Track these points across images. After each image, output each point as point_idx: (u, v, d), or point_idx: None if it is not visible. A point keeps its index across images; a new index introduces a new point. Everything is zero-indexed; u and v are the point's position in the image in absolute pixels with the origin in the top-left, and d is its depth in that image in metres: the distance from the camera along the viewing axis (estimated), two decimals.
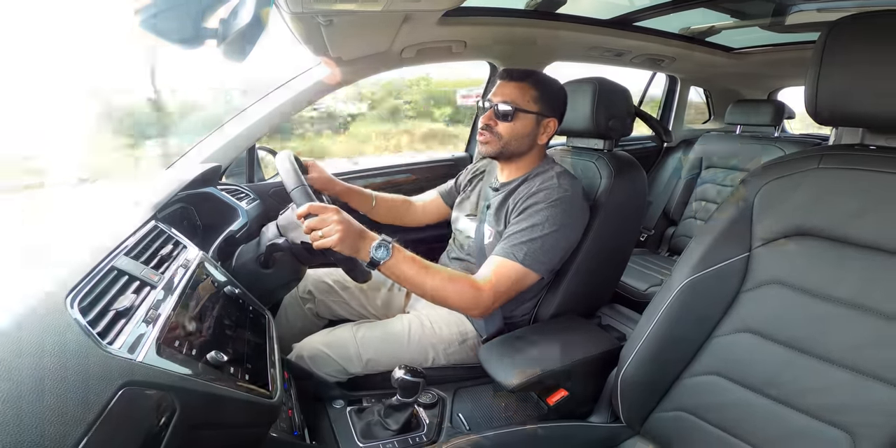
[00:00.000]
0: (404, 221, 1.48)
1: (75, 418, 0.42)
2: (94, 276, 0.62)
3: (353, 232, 0.92)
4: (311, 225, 0.90)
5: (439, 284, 0.98)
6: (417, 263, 0.98)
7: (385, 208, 1.43)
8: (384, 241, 0.94)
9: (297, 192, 0.96)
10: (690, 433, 0.84)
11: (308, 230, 0.91)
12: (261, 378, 0.72)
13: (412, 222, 1.49)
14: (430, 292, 0.99)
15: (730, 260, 0.80)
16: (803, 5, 1.58)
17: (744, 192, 0.81)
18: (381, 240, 0.94)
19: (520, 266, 1.04)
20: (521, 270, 1.04)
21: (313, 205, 0.91)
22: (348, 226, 0.91)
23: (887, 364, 0.65)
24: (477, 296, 1.01)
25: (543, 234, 1.05)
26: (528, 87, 1.12)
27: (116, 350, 0.52)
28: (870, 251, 0.68)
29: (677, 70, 2.50)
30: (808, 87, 0.71)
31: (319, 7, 1.05)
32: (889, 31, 0.64)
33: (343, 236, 0.89)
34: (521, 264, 1.04)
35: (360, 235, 0.93)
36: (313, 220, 0.90)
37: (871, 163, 0.70)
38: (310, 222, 0.90)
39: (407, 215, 1.48)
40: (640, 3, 1.63)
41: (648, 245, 2.46)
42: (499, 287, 1.03)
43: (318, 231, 0.90)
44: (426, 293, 1.00)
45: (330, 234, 0.89)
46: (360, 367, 1.14)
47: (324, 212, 0.90)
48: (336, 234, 0.89)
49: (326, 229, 0.89)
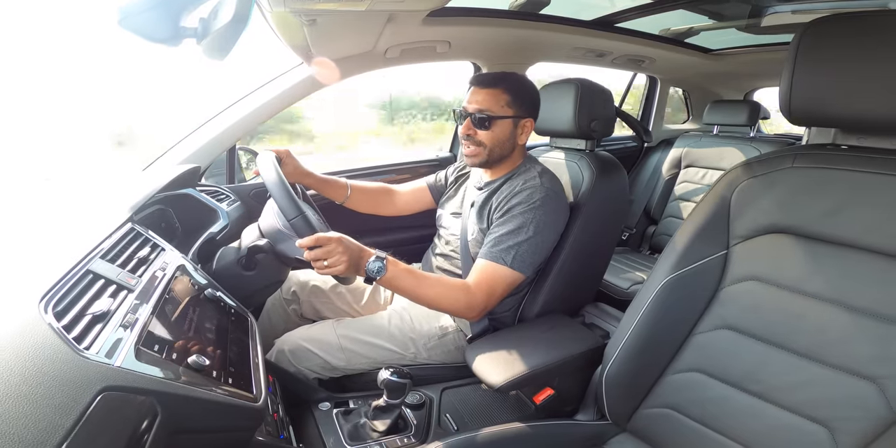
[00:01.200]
0: (382, 211, 1.46)
1: (53, 424, 0.41)
2: (69, 280, 0.61)
3: (355, 257, 0.94)
4: (316, 256, 0.91)
5: (433, 293, 1.02)
6: (412, 275, 1.01)
7: (361, 197, 1.42)
8: (379, 258, 0.96)
9: (298, 222, 0.95)
10: (675, 429, 0.85)
11: (312, 259, 0.92)
12: (244, 381, 0.71)
13: (392, 211, 1.48)
14: (424, 300, 1.03)
15: (708, 258, 0.82)
16: (778, 7, 1.62)
17: (721, 191, 0.82)
18: (377, 257, 0.96)
19: (509, 270, 1.06)
20: (511, 274, 1.07)
21: (320, 237, 0.91)
22: (351, 254, 0.93)
23: (861, 359, 0.67)
24: (470, 301, 1.04)
25: (528, 237, 1.07)
26: (500, 92, 1.13)
27: (93, 355, 0.51)
28: (842, 248, 0.70)
29: (657, 70, 2.54)
30: (782, 88, 0.73)
31: (302, 6, 1.03)
32: (860, 32, 0.66)
33: (348, 266, 0.91)
34: (511, 267, 1.06)
35: (360, 256, 0.95)
36: (318, 252, 0.91)
37: (842, 162, 0.72)
38: (315, 253, 0.91)
39: (386, 204, 1.46)
40: (622, 4, 1.65)
41: (630, 243, 2.50)
42: (491, 291, 1.06)
43: (323, 261, 0.91)
44: (421, 301, 1.04)
45: (335, 264, 0.91)
46: (341, 360, 1.14)
47: (328, 243, 0.91)
48: (342, 265, 0.91)
49: (332, 260, 0.91)
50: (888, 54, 0.63)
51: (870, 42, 0.65)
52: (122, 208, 0.92)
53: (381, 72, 1.65)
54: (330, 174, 1.40)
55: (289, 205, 0.96)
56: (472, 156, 1.16)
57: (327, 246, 0.91)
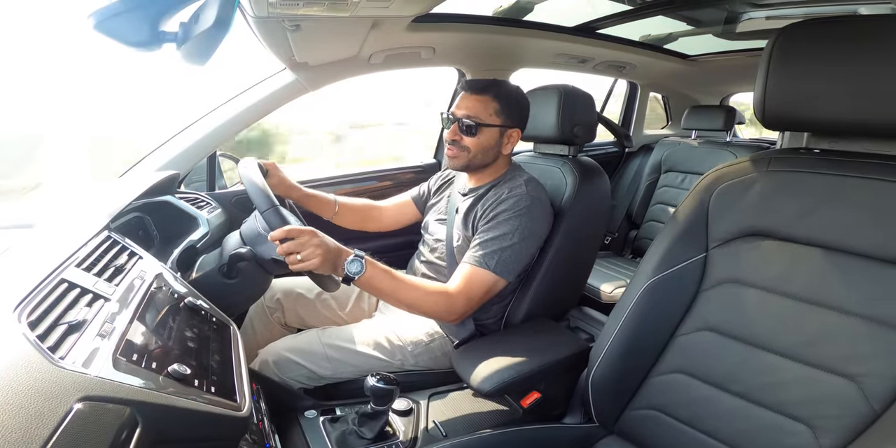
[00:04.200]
0: (369, 227, 1.46)
1: (29, 434, 0.40)
2: (43, 289, 0.59)
3: (332, 252, 0.91)
4: (288, 249, 0.88)
5: (413, 295, 1.00)
6: (390, 276, 0.99)
7: (349, 214, 1.40)
8: (357, 257, 0.94)
9: (270, 214, 0.93)
10: (662, 430, 0.86)
11: (284, 252, 0.89)
12: (228, 390, 0.69)
13: (378, 227, 1.47)
14: (404, 303, 1.01)
15: (688, 261, 0.83)
16: (753, 13, 1.67)
17: (699, 195, 0.84)
18: (355, 255, 0.94)
19: (491, 274, 1.06)
20: (493, 278, 1.06)
21: (291, 229, 0.89)
22: (327, 248, 0.90)
23: (838, 357, 0.68)
24: (451, 304, 1.03)
25: (513, 243, 1.07)
26: (490, 99, 1.13)
27: (70, 364, 0.49)
28: (818, 250, 0.72)
29: (638, 76, 2.59)
30: (756, 93, 0.75)
31: (286, 12, 1.03)
32: (830, 38, 0.68)
33: (323, 260, 0.89)
34: (493, 272, 1.06)
35: (338, 254, 0.93)
36: (290, 244, 0.88)
37: (815, 165, 0.74)
38: (287, 246, 0.88)
39: (372, 221, 1.45)
40: (603, 10, 1.69)
41: (613, 248, 2.53)
42: (472, 295, 1.05)
43: (297, 255, 0.88)
44: (400, 304, 1.01)
45: (310, 258, 0.88)
46: (328, 370, 1.12)
47: (301, 235, 0.89)
48: (316, 258, 0.88)
49: (306, 253, 0.88)
50: (856, 59, 0.65)
51: (838, 47, 0.67)
52: (99, 216, 0.90)
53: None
54: (312, 181, 1.38)
55: (262, 198, 0.94)
56: (453, 158, 1.16)
57: (300, 238, 0.88)
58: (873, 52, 0.64)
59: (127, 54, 0.72)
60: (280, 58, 1.39)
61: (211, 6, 0.67)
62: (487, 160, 1.18)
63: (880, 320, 0.65)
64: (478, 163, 1.17)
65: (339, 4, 1.02)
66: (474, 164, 1.17)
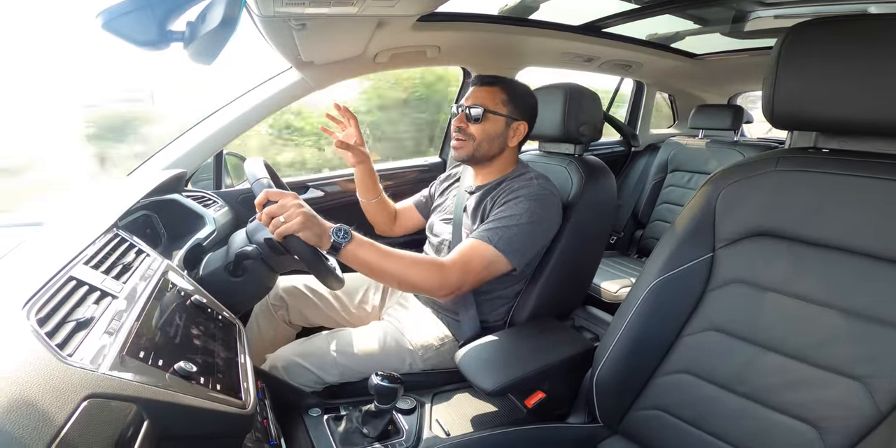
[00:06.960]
0: (379, 228, 1.47)
1: (37, 431, 0.40)
2: (51, 287, 0.60)
3: (314, 219, 0.88)
4: (270, 212, 0.86)
5: (402, 267, 0.96)
6: (376, 247, 0.95)
7: (378, 208, 1.42)
8: (343, 226, 0.92)
9: (257, 185, 0.92)
10: (666, 431, 0.85)
11: (268, 219, 0.86)
12: (233, 388, 0.70)
13: (387, 232, 1.48)
14: (394, 276, 0.97)
15: (694, 261, 0.83)
16: (761, 12, 1.65)
17: (706, 194, 0.83)
18: (340, 225, 0.92)
19: (493, 248, 1.03)
20: (494, 253, 1.03)
21: (270, 191, 0.87)
22: (309, 212, 0.87)
23: (846, 359, 0.68)
24: (443, 276, 0.99)
25: (520, 223, 1.05)
26: (498, 90, 1.15)
27: (77, 361, 0.50)
28: (826, 250, 0.71)
29: (644, 75, 2.58)
30: (765, 92, 0.74)
31: (291, 11, 1.03)
32: (840, 37, 0.67)
33: (304, 220, 0.85)
34: (495, 247, 1.03)
35: (321, 223, 0.90)
36: (272, 207, 0.86)
37: (824, 165, 0.73)
38: (269, 210, 0.86)
39: (385, 225, 1.47)
40: (609, 9, 1.68)
41: (618, 247, 2.52)
42: (468, 267, 1.01)
43: (280, 217, 0.85)
44: (391, 277, 0.97)
45: (291, 218, 0.85)
46: (336, 376, 1.12)
47: (282, 197, 0.86)
48: (297, 218, 0.84)
49: (287, 214, 0.85)
50: (866, 58, 0.65)
51: (849, 46, 0.66)
52: (107, 214, 0.90)
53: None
54: (314, 180, 1.38)
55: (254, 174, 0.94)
56: (458, 148, 1.17)
57: (282, 200, 0.86)
58: (883, 51, 0.63)
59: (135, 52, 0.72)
60: (286, 57, 1.39)
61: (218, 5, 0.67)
62: (492, 151, 1.17)
63: (887, 322, 0.65)
64: (483, 152, 1.16)
65: (344, 3, 1.03)
66: (479, 154, 1.17)
